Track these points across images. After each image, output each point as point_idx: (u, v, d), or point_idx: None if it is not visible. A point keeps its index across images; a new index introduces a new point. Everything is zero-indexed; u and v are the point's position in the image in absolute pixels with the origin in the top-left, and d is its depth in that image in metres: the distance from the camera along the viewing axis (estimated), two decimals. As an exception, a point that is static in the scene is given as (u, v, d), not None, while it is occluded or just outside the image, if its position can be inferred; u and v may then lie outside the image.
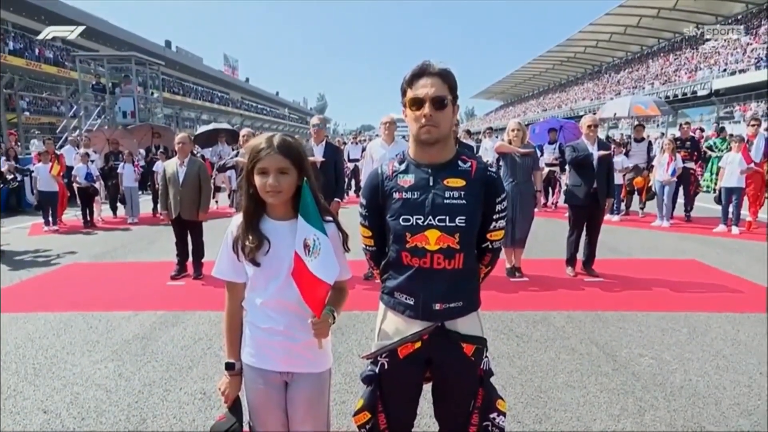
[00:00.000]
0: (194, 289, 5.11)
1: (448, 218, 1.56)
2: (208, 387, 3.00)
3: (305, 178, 1.52)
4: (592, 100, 45.47)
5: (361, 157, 9.36)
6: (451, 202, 1.56)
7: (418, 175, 1.61)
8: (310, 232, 1.50)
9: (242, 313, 1.65)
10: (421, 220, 1.57)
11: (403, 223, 1.59)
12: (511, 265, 5.39)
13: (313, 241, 1.49)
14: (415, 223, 1.58)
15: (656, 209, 8.74)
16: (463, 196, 1.57)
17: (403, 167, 1.65)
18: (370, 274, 5.00)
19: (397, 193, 1.62)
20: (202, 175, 5.31)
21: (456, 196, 1.57)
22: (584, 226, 5.39)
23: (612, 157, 5.73)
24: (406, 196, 1.60)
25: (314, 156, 4.90)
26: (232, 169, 6.45)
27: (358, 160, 12.13)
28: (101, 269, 6.03)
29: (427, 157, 1.62)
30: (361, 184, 9.86)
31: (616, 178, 8.02)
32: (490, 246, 1.70)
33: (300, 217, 1.50)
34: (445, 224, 1.56)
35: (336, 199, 5.06)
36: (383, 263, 1.72)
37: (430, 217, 1.56)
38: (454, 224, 1.56)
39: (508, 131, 5.25)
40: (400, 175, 1.64)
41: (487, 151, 10.71)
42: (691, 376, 3.14)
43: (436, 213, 1.56)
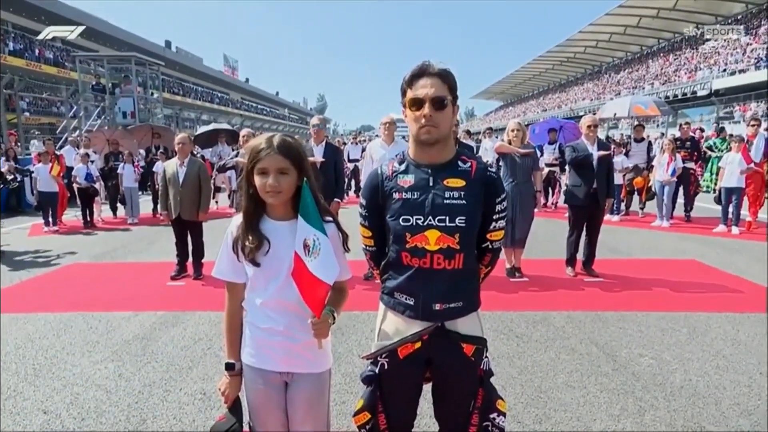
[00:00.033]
0: (194, 290, 5.12)
1: (448, 218, 1.56)
2: (208, 387, 3.00)
3: (305, 179, 1.52)
4: (592, 100, 45.48)
5: (361, 158, 9.37)
6: (451, 202, 1.56)
7: (418, 176, 1.61)
8: (310, 232, 1.50)
9: (242, 313, 1.65)
10: (421, 220, 1.57)
11: (403, 224, 1.59)
12: (511, 265, 5.39)
13: (313, 241, 1.49)
14: (415, 224, 1.58)
15: (656, 209, 8.74)
16: (463, 197, 1.57)
17: (403, 167, 1.65)
18: (370, 275, 5.00)
19: (397, 194, 1.62)
20: (202, 175, 5.32)
21: (456, 196, 1.57)
22: (584, 226, 5.39)
23: (612, 157, 5.74)
24: (406, 196, 1.60)
25: (314, 156, 4.91)
26: (232, 169, 6.46)
27: (358, 161, 12.14)
28: (101, 270, 6.04)
29: (427, 157, 1.62)
30: (361, 184, 9.86)
31: (616, 179, 8.02)
32: (490, 246, 1.70)
33: (300, 217, 1.50)
34: (445, 224, 1.56)
35: (336, 200, 5.07)
36: (383, 263, 1.72)
37: (430, 218, 1.56)
38: (454, 224, 1.56)
39: (508, 131, 5.25)
40: (399, 175, 1.64)
41: (486, 152, 10.72)
42: (691, 376, 3.14)
43: (436, 213, 1.56)
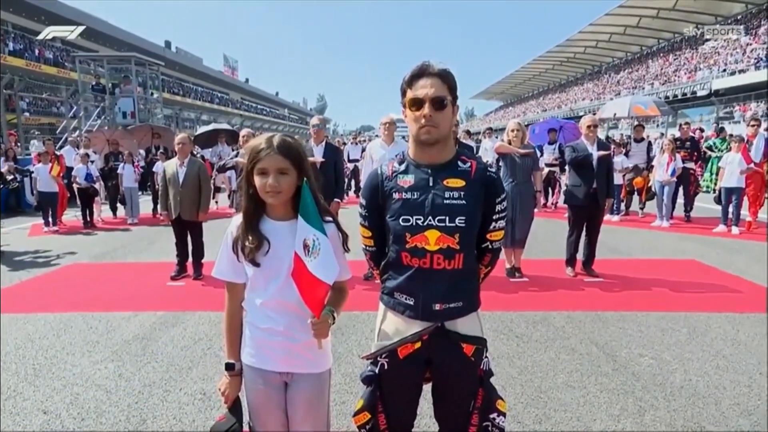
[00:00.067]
0: (194, 290, 5.11)
1: (447, 218, 1.56)
2: (208, 387, 3.00)
3: (305, 179, 1.52)
4: (591, 100, 45.47)
5: (361, 158, 9.37)
6: (450, 202, 1.56)
7: (418, 176, 1.61)
8: (310, 232, 1.50)
9: (242, 313, 1.65)
10: (421, 220, 1.57)
11: (402, 224, 1.59)
12: (510, 265, 5.39)
13: (313, 241, 1.49)
14: (414, 224, 1.58)
15: (656, 209, 8.74)
16: (462, 197, 1.57)
17: (403, 167, 1.65)
18: (370, 275, 5.00)
19: (396, 194, 1.62)
20: (202, 175, 5.32)
21: (456, 196, 1.57)
22: (584, 226, 5.39)
23: (612, 157, 5.74)
24: (405, 196, 1.60)
25: (314, 156, 4.91)
26: (232, 169, 6.46)
27: (358, 161, 12.14)
28: (101, 270, 6.03)
29: (426, 157, 1.62)
30: (360, 184, 9.86)
31: (616, 179, 8.03)
32: (490, 246, 1.70)
33: (300, 217, 1.50)
34: (444, 224, 1.56)
35: (336, 200, 5.07)
36: (383, 263, 1.72)
37: (430, 218, 1.56)
38: (454, 224, 1.56)
39: (508, 131, 5.25)
40: (399, 175, 1.64)
41: (486, 152, 10.72)
42: (691, 376, 3.14)
43: (436, 213, 1.56)
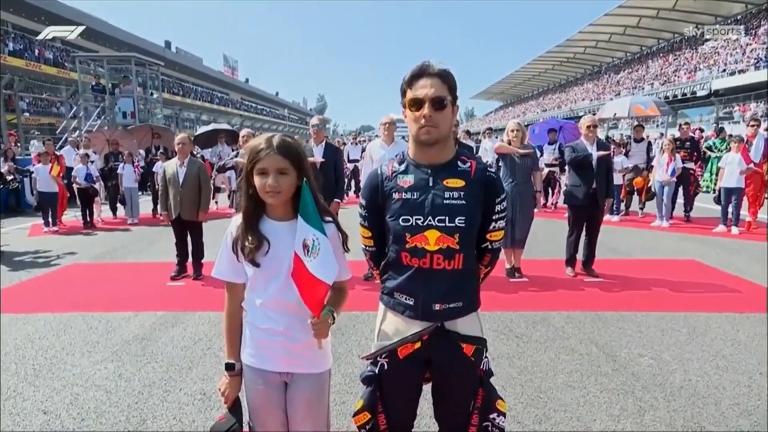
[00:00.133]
0: (194, 290, 5.11)
1: (447, 218, 1.56)
2: (208, 387, 3.00)
3: (305, 179, 1.52)
4: (591, 100, 45.48)
5: (361, 158, 9.37)
6: (450, 202, 1.56)
7: (418, 176, 1.61)
8: (310, 232, 1.50)
9: (242, 313, 1.65)
10: (421, 220, 1.57)
11: (402, 224, 1.59)
12: (510, 265, 5.39)
13: (313, 241, 1.49)
14: (414, 224, 1.58)
15: (656, 209, 8.75)
16: (462, 197, 1.57)
17: (403, 168, 1.65)
18: (369, 275, 5.00)
19: (396, 194, 1.62)
20: (202, 175, 5.32)
21: (455, 196, 1.57)
22: (584, 226, 5.39)
23: (611, 157, 5.74)
24: (405, 196, 1.60)
25: (314, 156, 4.91)
26: (232, 169, 6.45)
27: (358, 161, 12.13)
28: (101, 270, 6.03)
29: (426, 157, 1.62)
30: (360, 184, 9.86)
31: (616, 179, 8.03)
32: (490, 246, 1.70)
33: (299, 217, 1.50)
34: (444, 224, 1.56)
35: (336, 200, 5.07)
36: (383, 264, 1.72)
37: (430, 218, 1.56)
38: (454, 224, 1.56)
39: (508, 132, 5.26)
40: (399, 175, 1.64)
41: (486, 152, 10.71)
42: (690, 376, 3.14)
43: (436, 213, 1.56)
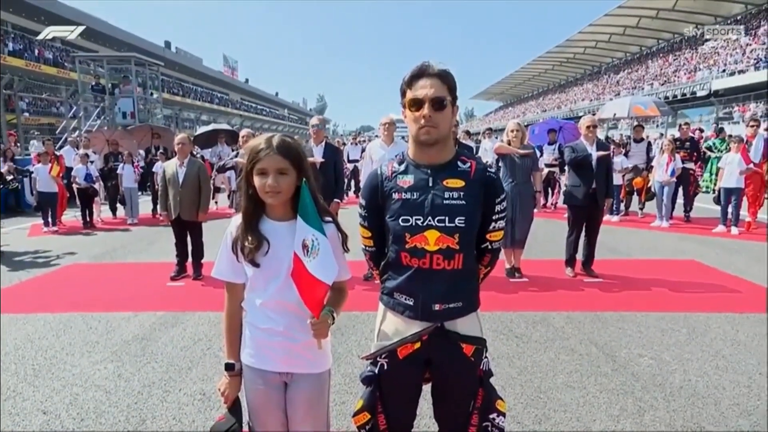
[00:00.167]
0: (194, 290, 5.11)
1: (447, 219, 1.56)
2: (208, 388, 3.00)
3: (304, 179, 1.52)
4: (591, 100, 45.49)
5: (361, 158, 9.38)
6: (450, 202, 1.56)
7: (418, 176, 1.61)
8: (309, 232, 1.49)
9: (242, 313, 1.65)
10: (421, 220, 1.57)
11: (402, 224, 1.59)
12: (510, 265, 5.39)
13: (312, 241, 1.49)
14: (414, 224, 1.58)
15: (656, 210, 8.75)
16: (462, 197, 1.57)
17: (403, 168, 1.65)
18: (369, 275, 4.99)
19: (396, 194, 1.62)
20: (202, 175, 5.32)
21: (455, 196, 1.57)
22: (583, 226, 5.39)
23: (611, 157, 5.74)
24: (405, 196, 1.60)
25: (314, 157, 4.91)
26: (232, 169, 6.45)
27: (358, 161, 12.13)
28: (101, 270, 6.03)
29: (426, 157, 1.62)
30: (360, 184, 9.85)
31: (616, 179, 8.03)
32: (490, 246, 1.70)
33: (299, 217, 1.50)
34: (444, 225, 1.56)
35: (335, 200, 5.07)
36: (383, 264, 1.72)
37: (430, 218, 1.56)
38: (454, 225, 1.56)
39: (508, 132, 5.26)
40: (399, 175, 1.64)
41: (486, 152, 10.70)
42: (690, 377, 3.14)
43: (436, 213, 1.56)
